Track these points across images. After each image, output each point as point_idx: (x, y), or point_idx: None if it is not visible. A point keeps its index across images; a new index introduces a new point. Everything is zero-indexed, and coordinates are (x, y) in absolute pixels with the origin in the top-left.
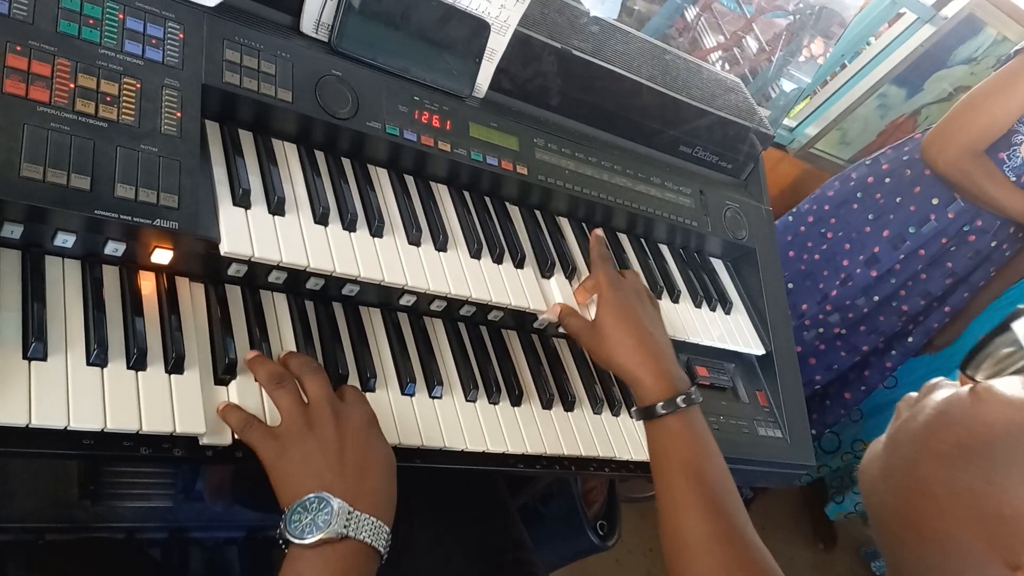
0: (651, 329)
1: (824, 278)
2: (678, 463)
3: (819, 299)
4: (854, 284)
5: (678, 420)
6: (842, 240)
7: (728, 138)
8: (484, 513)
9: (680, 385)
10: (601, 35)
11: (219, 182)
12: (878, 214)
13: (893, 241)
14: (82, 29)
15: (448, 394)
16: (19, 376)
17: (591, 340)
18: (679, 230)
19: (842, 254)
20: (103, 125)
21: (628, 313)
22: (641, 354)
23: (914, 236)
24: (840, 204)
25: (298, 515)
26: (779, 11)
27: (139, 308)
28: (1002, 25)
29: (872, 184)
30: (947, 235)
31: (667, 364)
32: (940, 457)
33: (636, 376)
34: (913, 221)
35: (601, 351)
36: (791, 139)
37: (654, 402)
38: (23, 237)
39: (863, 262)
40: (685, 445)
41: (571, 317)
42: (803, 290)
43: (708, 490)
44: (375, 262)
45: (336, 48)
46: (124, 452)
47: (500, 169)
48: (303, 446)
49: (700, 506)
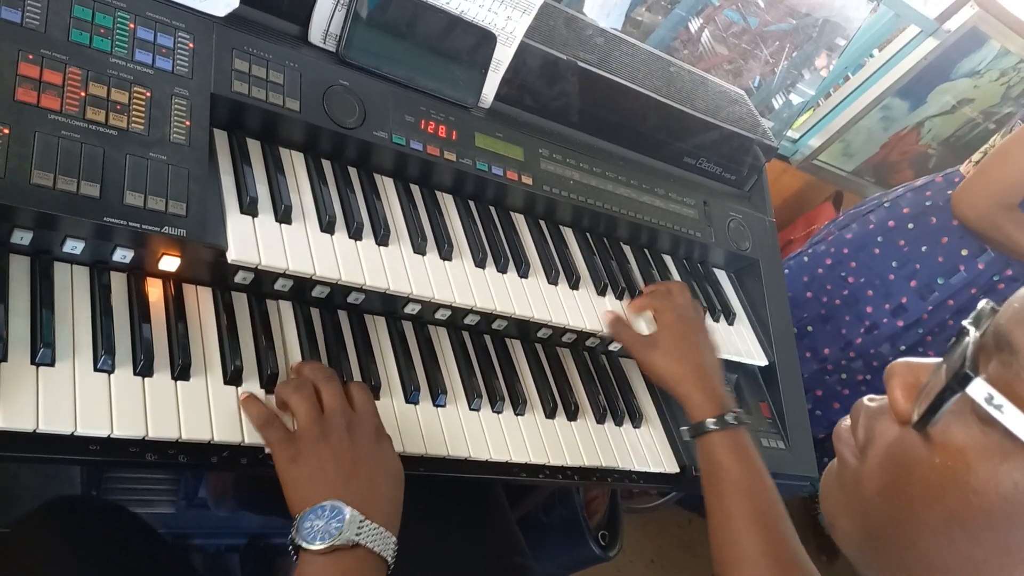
0: (706, 351)
1: (847, 323)
2: (728, 479)
3: (842, 345)
4: (879, 332)
5: (728, 437)
6: (864, 286)
7: (732, 150)
8: (481, 519)
9: (728, 404)
10: (606, 47)
11: (227, 190)
12: (903, 262)
13: (920, 292)
14: (93, 38)
15: (452, 403)
16: (27, 381)
17: (647, 354)
18: (683, 241)
19: (864, 300)
20: (113, 133)
21: (686, 336)
22: (695, 374)
23: (943, 287)
24: (860, 248)
25: (310, 521)
26: (783, 23)
27: (146, 315)
28: (1005, 38)
29: (893, 229)
30: (976, 285)
31: (717, 384)
32: (937, 531)
33: (688, 393)
34: (941, 272)
35: (657, 367)
36: (794, 150)
37: (704, 418)
38: (32, 243)
39: (889, 311)
40: (734, 462)
41: (624, 329)
42: (823, 334)
43: (758, 505)
44: (380, 271)
45: (344, 58)
46: (130, 458)
47: (505, 179)
48: (318, 454)
49: (750, 521)
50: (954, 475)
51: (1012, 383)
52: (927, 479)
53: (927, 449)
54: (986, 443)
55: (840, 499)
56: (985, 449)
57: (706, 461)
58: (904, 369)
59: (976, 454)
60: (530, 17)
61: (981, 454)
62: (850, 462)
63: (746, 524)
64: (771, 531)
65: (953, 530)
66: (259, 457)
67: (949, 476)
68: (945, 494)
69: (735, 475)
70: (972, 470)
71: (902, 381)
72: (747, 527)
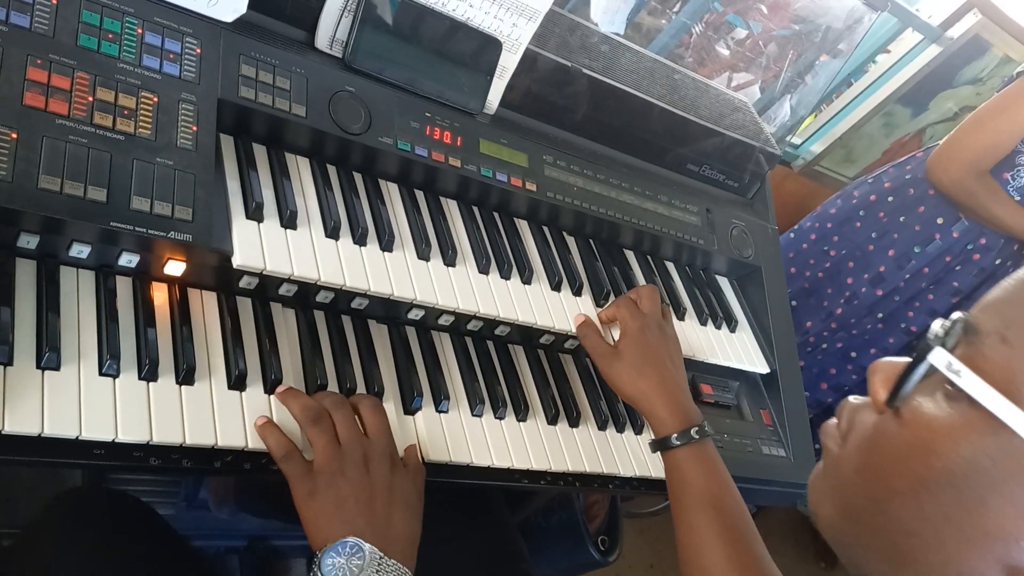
0: (669, 365)
1: (828, 296)
2: (694, 493)
3: (823, 317)
4: (859, 303)
5: (692, 451)
6: (845, 258)
7: (735, 157)
8: (481, 524)
9: (694, 418)
10: (611, 54)
11: (233, 195)
12: (881, 233)
13: (898, 260)
14: (101, 43)
15: (454, 408)
16: (32, 385)
17: (610, 366)
18: (685, 248)
19: (846, 272)
20: (120, 138)
21: (649, 350)
22: (658, 390)
23: (919, 255)
24: (843, 222)
25: (331, 558)
26: (786, 29)
27: (151, 319)
28: (1007, 46)
29: (874, 202)
30: (952, 254)
31: (681, 398)
32: (905, 496)
33: (651, 409)
34: (918, 240)
35: (619, 380)
36: (796, 156)
37: (668, 434)
38: (39, 247)
39: (868, 281)
40: (700, 475)
41: (591, 333)
42: (807, 308)
43: (724, 518)
44: (385, 276)
45: (350, 64)
46: (134, 462)
47: (509, 185)
48: (337, 490)
49: (716, 534)
50: (921, 443)
51: (973, 357)
52: (897, 450)
53: (898, 425)
54: (950, 413)
55: (822, 486)
56: (949, 418)
57: (671, 475)
58: (886, 365)
59: (940, 423)
60: (535, 24)
61: (945, 423)
62: (832, 450)
63: (712, 537)
64: (738, 543)
65: (920, 495)
66: (262, 462)
67: (916, 444)
68: (911, 460)
69: (700, 489)
70: (936, 437)
71: (883, 375)
72: (713, 540)
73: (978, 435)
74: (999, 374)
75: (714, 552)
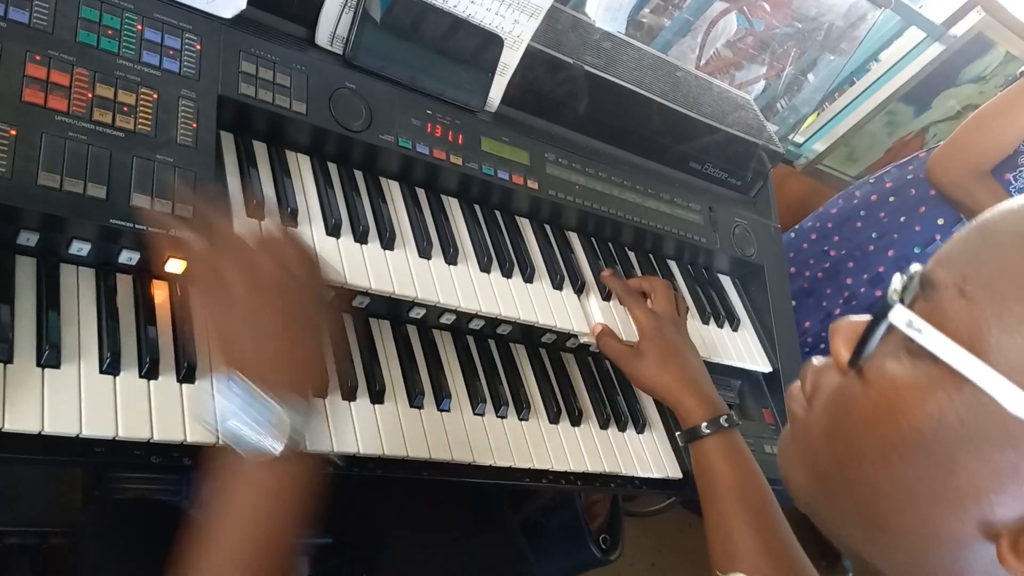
0: (689, 357)
1: (827, 296)
2: (723, 481)
3: (822, 317)
4: (858, 303)
5: (721, 440)
6: (845, 258)
7: (738, 155)
8: (485, 525)
9: (721, 407)
10: (613, 51)
11: (233, 193)
12: (882, 233)
13: (898, 261)
14: (101, 39)
15: (456, 407)
16: (33, 383)
17: (632, 367)
18: (687, 246)
19: (845, 272)
20: (120, 135)
21: (669, 345)
22: (681, 381)
23: (919, 256)
24: (843, 221)
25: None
26: (788, 27)
27: (152, 317)
28: (1011, 44)
29: (875, 202)
30: None
31: (706, 388)
32: (875, 458)
33: (678, 400)
34: (918, 241)
35: (643, 378)
36: (798, 155)
37: (697, 423)
38: (39, 245)
39: (867, 281)
40: (728, 464)
41: (610, 340)
42: (806, 307)
43: (753, 506)
44: (386, 274)
45: (351, 61)
46: (135, 460)
47: (511, 183)
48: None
49: (746, 522)
50: (888, 404)
51: (932, 313)
52: (864, 412)
53: (863, 386)
54: (914, 371)
55: (792, 452)
56: (913, 377)
57: (700, 465)
58: (846, 324)
59: (905, 382)
60: (537, 21)
61: (909, 382)
62: (798, 414)
63: (742, 525)
64: (767, 531)
65: (890, 456)
66: None
67: (883, 406)
68: (879, 423)
69: (729, 478)
70: (902, 397)
71: (844, 335)
72: (743, 528)
73: (944, 392)
74: (960, 328)
75: (744, 540)
